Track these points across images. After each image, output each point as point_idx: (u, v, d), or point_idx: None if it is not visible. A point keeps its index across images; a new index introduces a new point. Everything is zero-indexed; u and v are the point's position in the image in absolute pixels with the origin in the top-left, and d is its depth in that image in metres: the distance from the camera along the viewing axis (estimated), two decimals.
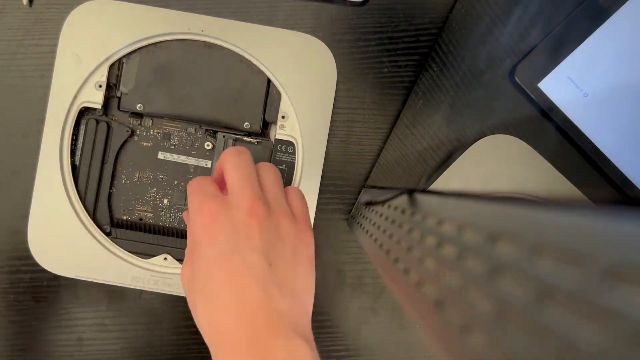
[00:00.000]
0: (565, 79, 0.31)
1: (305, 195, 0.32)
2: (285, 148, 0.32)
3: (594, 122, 0.31)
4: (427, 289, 0.12)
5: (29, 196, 0.30)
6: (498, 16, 0.32)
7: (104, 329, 0.33)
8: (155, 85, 0.31)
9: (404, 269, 0.14)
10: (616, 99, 0.31)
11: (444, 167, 0.31)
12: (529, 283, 0.08)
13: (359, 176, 0.33)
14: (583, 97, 0.31)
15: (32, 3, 0.31)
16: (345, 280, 0.33)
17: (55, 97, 0.30)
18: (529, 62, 0.31)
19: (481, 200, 0.11)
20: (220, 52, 0.31)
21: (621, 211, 0.06)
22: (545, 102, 0.31)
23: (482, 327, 0.09)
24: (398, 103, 0.33)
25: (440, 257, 0.12)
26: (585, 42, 0.31)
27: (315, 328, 0.33)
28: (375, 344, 0.33)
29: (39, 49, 0.31)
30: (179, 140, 0.32)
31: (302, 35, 0.31)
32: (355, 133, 0.33)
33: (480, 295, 0.09)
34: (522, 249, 0.08)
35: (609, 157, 0.31)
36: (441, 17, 0.32)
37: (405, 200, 0.18)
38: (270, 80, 0.31)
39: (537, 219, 0.08)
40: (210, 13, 0.31)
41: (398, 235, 0.17)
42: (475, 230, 0.10)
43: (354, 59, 0.32)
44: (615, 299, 0.06)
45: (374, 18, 0.32)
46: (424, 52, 0.32)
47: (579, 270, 0.07)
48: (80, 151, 0.31)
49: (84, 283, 0.32)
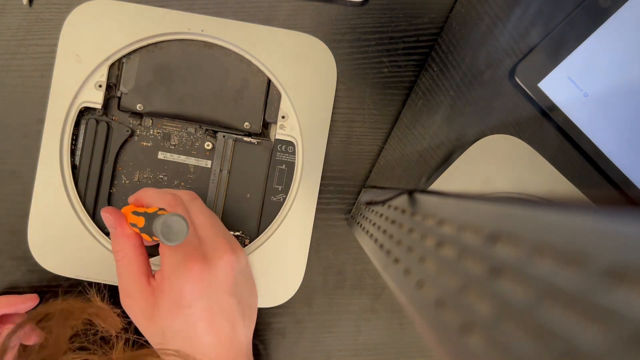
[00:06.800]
0: (565, 79, 0.31)
1: (306, 195, 0.32)
2: (285, 148, 0.32)
3: (594, 122, 0.31)
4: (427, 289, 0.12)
5: (29, 196, 0.30)
6: (498, 16, 0.32)
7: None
8: (155, 85, 0.31)
9: (404, 269, 0.14)
10: (616, 99, 0.31)
11: (444, 167, 0.31)
12: (529, 283, 0.08)
13: (359, 176, 0.33)
14: (583, 97, 0.31)
15: (32, 3, 0.31)
16: (345, 280, 0.33)
17: (55, 97, 0.30)
18: (529, 62, 0.31)
19: (481, 200, 0.11)
20: (220, 52, 0.31)
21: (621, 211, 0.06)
22: (545, 102, 0.31)
23: (482, 328, 0.09)
24: (398, 103, 0.33)
25: (440, 257, 0.12)
26: (585, 42, 0.31)
27: (315, 328, 0.33)
28: (375, 344, 0.33)
29: (39, 49, 0.31)
30: (179, 140, 0.32)
31: (302, 35, 0.31)
32: (355, 133, 0.33)
33: (480, 295, 0.09)
34: (522, 249, 0.08)
35: (609, 157, 0.31)
36: (441, 17, 0.32)
37: (405, 201, 0.18)
38: (270, 80, 0.31)
39: (537, 219, 0.08)
40: (210, 13, 0.31)
41: (398, 236, 0.17)
42: (475, 230, 0.10)
43: (354, 59, 0.32)
44: (615, 299, 0.06)
45: (374, 18, 0.32)
46: (424, 52, 0.32)
47: (579, 270, 0.07)
48: (80, 151, 0.31)
49: (84, 283, 0.32)
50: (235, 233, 0.32)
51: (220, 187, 0.32)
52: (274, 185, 0.32)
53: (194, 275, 0.24)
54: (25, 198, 0.31)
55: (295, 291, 0.32)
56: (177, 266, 0.24)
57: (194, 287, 0.24)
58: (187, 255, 0.24)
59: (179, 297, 0.24)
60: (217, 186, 0.32)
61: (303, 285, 0.32)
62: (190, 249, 0.24)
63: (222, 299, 0.25)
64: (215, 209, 0.32)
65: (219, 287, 0.25)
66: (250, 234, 0.32)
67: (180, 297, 0.24)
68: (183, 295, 0.24)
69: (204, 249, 0.25)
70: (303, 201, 0.32)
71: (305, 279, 0.32)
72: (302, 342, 0.33)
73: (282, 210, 0.32)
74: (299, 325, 0.33)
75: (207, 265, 0.24)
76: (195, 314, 0.24)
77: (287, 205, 0.32)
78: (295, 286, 0.32)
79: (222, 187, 0.32)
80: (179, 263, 0.24)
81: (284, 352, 0.33)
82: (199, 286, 0.24)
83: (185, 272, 0.24)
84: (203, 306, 0.24)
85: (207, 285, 0.24)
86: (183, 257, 0.24)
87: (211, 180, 0.32)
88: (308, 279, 0.32)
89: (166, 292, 0.24)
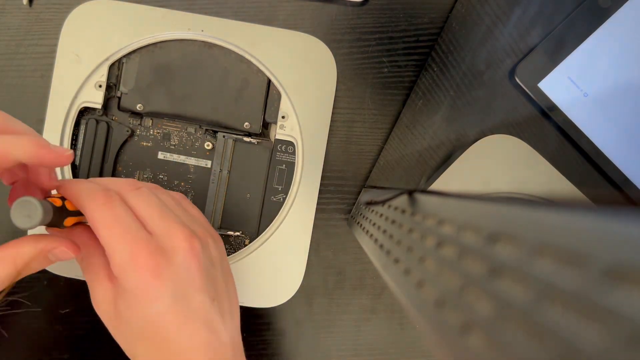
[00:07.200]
0: (565, 79, 0.31)
1: (306, 195, 0.32)
2: (285, 148, 0.32)
3: (594, 122, 0.31)
4: (427, 289, 0.12)
5: None
6: (498, 16, 0.32)
7: (104, 329, 0.33)
8: (155, 85, 0.31)
9: (404, 269, 0.14)
10: (616, 99, 0.31)
11: (444, 167, 0.31)
12: (529, 283, 0.08)
13: (359, 176, 0.33)
14: (583, 97, 0.31)
15: (32, 3, 0.31)
16: (345, 280, 0.33)
17: (55, 97, 0.30)
18: (529, 62, 0.31)
19: (481, 200, 0.11)
20: (220, 52, 0.31)
21: (621, 211, 0.06)
22: (545, 102, 0.31)
23: (481, 328, 0.09)
24: (398, 103, 0.33)
25: (440, 257, 0.12)
26: (585, 42, 0.31)
27: (315, 328, 0.33)
28: (375, 344, 0.33)
29: (39, 49, 0.31)
30: (178, 140, 0.32)
31: (302, 35, 0.31)
32: (355, 133, 0.33)
33: (480, 295, 0.09)
34: (522, 249, 0.08)
35: (609, 157, 0.31)
36: (441, 17, 0.32)
37: (405, 201, 0.18)
38: (270, 80, 0.31)
39: (537, 219, 0.08)
40: (210, 13, 0.31)
41: (398, 236, 0.17)
42: (475, 230, 0.10)
43: (354, 59, 0.32)
44: (615, 299, 0.06)
45: (374, 18, 0.32)
46: (424, 52, 0.32)
47: (579, 271, 0.07)
48: (80, 151, 0.31)
49: (84, 283, 0.32)
50: (235, 233, 0.32)
51: (220, 187, 0.32)
52: (274, 185, 0.32)
53: (146, 273, 0.20)
54: None
55: (295, 291, 0.32)
56: (126, 265, 0.20)
57: (148, 286, 0.20)
58: (133, 253, 0.20)
59: (135, 299, 0.21)
60: (217, 186, 0.32)
61: (303, 285, 0.32)
62: (138, 246, 0.21)
63: (191, 297, 0.21)
64: (215, 209, 0.32)
65: (184, 284, 0.21)
66: (250, 234, 0.32)
67: (136, 298, 0.21)
68: (138, 296, 0.21)
69: (158, 243, 0.21)
70: (303, 201, 0.32)
71: (305, 279, 0.32)
72: (302, 342, 0.33)
73: (282, 210, 0.32)
74: (299, 325, 0.33)
75: (163, 259, 0.21)
76: (158, 316, 0.20)
77: (287, 205, 0.32)
78: (295, 286, 0.32)
79: (222, 187, 0.32)
80: (127, 262, 0.20)
81: (284, 352, 0.33)
82: (155, 285, 0.20)
83: (134, 272, 0.20)
84: (165, 307, 0.20)
85: (168, 282, 0.21)
86: (129, 255, 0.20)
87: (211, 180, 0.32)
88: (308, 279, 0.32)
89: (119, 293, 0.21)
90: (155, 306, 0.21)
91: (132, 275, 0.21)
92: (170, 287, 0.21)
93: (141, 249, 0.21)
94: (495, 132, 0.32)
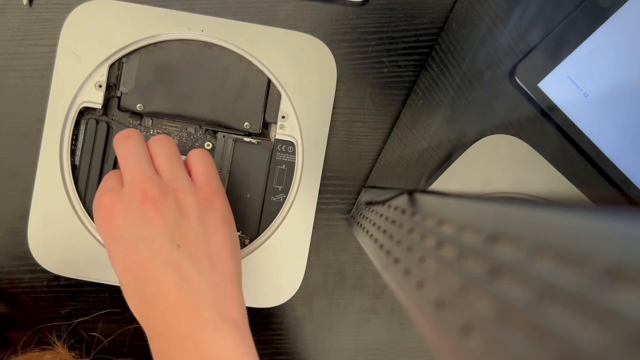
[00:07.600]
0: (565, 79, 0.31)
1: (305, 195, 0.32)
2: (285, 148, 0.32)
3: (594, 122, 0.31)
4: (427, 289, 0.12)
5: (29, 196, 0.30)
6: (498, 16, 0.32)
7: (104, 329, 0.33)
8: (155, 85, 0.31)
9: (404, 269, 0.14)
10: (616, 99, 0.31)
11: (444, 167, 0.31)
12: (529, 283, 0.08)
13: (359, 176, 0.33)
14: (583, 97, 0.31)
15: (32, 3, 0.31)
16: (345, 280, 0.33)
17: (55, 97, 0.30)
18: (529, 62, 0.31)
19: (481, 200, 0.11)
20: (220, 52, 0.31)
21: (621, 211, 0.06)
22: (545, 102, 0.31)
23: (481, 328, 0.09)
24: (398, 103, 0.33)
25: (440, 257, 0.12)
26: (585, 42, 0.31)
27: (315, 328, 0.33)
28: (375, 344, 0.33)
29: (39, 49, 0.31)
30: (179, 140, 0.32)
31: (302, 35, 0.31)
32: (355, 133, 0.33)
33: (480, 295, 0.09)
34: (522, 249, 0.08)
35: (609, 157, 0.31)
36: (441, 17, 0.32)
37: (405, 201, 0.18)
38: (270, 80, 0.31)
39: (537, 219, 0.08)
40: (210, 13, 0.31)
41: (398, 236, 0.17)
42: (475, 230, 0.10)
43: (354, 59, 0.32)
44: (615, 299, 0.06)
45: (374, 18, 0.32)
46: (424, 52, 0.32)
47: (579, 270, 0.07)
48: (80, 151, 0.31)
49: (84, 283, 0.32)
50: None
51: None
52: (274, 185, 0.32)
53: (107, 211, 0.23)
54: (25, 198, 0.31)
55: (295, 291, 0.32)
56: (95, 205, 0.24)
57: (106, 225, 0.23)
58: (99, 195, 0.24)
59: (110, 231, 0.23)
60: None
61: (303, 285, 0.32)
62: (105, 188, 0.24)
63: (152, 240, 0.22)
64: None
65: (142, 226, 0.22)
66: (250, 234, 0.32)
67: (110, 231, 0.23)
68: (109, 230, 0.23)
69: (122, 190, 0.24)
70: (303, 201, 0.32)
71: (305, 279, 0.32)
72: (302, 342, 0.33)
73: (282, 210, 0.32)
74: (299, 325, 0.33)
75: (120, 201, 0.23)
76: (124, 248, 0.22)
77: (287, 205, 0.32)
78: (295, 286, 0.32)
79: None
80: (96, 204, 0.24)
81: (283, 352, 0.33)
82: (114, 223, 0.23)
83: (97, 209, 0.24)
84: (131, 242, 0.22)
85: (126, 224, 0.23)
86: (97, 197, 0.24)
87: None
88: (308, 279, 0.32)
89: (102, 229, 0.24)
90: (119, 246, 0.22)
91: (97, 219, 0.24)
92: (125, 227, 0.22)
93: (103, 194, 0.24)
94: (495, 132, 0.32)
